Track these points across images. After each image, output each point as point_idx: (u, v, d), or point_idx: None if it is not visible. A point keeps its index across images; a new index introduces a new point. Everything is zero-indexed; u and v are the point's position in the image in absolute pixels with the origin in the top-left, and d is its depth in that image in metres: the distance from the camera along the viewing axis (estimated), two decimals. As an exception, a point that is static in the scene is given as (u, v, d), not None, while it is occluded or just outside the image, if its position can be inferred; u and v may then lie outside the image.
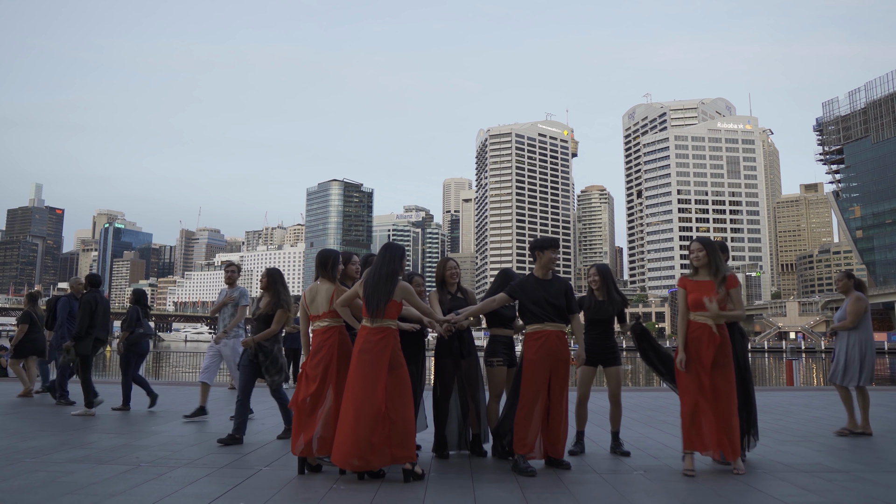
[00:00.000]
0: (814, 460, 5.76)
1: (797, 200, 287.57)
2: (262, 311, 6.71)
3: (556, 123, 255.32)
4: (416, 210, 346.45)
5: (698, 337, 5.24)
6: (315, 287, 5.48)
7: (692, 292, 5.33)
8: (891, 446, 6.49)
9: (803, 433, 7.41)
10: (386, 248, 5.21)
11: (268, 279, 6.82)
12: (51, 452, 5.88)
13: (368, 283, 5.05)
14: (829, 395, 12.21)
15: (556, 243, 5.64)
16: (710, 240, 5.53)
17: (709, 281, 5.35)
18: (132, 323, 9.46)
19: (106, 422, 7.98)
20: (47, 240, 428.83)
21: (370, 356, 4.91)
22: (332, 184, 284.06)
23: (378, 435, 4.74)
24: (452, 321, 5.51)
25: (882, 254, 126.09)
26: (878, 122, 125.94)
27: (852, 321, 7.30)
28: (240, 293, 8.80)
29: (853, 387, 7.25)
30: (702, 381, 5.16)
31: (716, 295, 5.23)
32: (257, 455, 5.92)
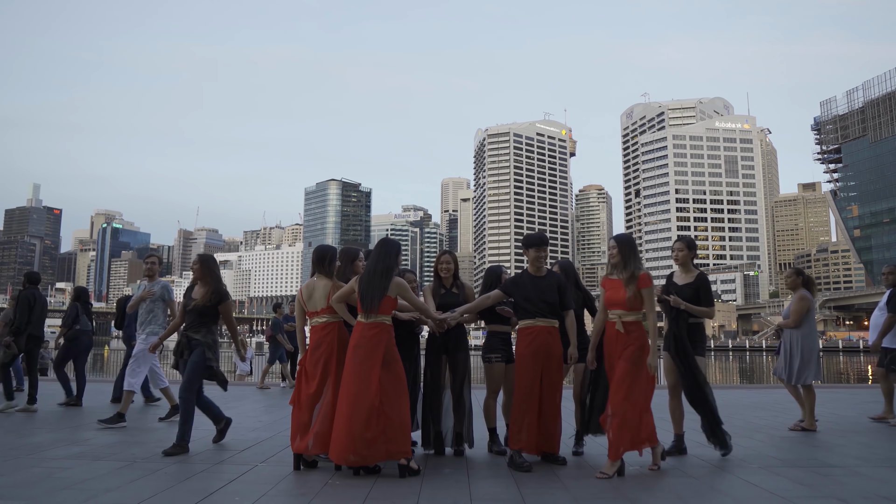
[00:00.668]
0: (809, 455, 5.78)
1: (795, 199, 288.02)
2: (198, 303, 6.07)
3: (555, 123, 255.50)
4: (415, 210, 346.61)
5: (609, 336, 5.20)
6: (312, 283, 5.47)
7: (607, 290, 5.22)
8: (885, 441, 6.51)
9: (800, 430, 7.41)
10: (381, 244, 5.21)
11: (201, 267, 6.23)
12: (47, 449, 5.88)
13: (364, 279, 5.06)
14: (826, 392, 12.23)
15: (540, 241, 5.64)
16: (628, 238, 5.33)
17: (620, 280, 5.17)
18: (71, 320, 9.44)
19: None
20: (45, 240, 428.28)
21: (364, 351, 4.91)
22: (330, 183, 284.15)
23: (373, 430, 4.74)
24: (445, 318, 5.51)
25: (880, 253, 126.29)
26: (875, 122, 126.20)
27: (795, 320, 7.42)
28: (161, 287, 8.06)
29: (800, 384, 7.40)
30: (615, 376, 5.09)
31: (625, 293, 5.07)
32: (253, 451, 5.92)
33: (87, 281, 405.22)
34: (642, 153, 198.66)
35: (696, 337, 5.77)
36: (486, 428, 6.04)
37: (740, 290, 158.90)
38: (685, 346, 5.65)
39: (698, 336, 5.81)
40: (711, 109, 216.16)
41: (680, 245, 5.96)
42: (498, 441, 5.97)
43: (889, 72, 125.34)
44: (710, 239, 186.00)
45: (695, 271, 5.91)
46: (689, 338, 5.70)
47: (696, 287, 5.77)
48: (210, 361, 6.06)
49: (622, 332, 5.05)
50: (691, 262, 5.95)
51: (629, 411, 4.87)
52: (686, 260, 5.92)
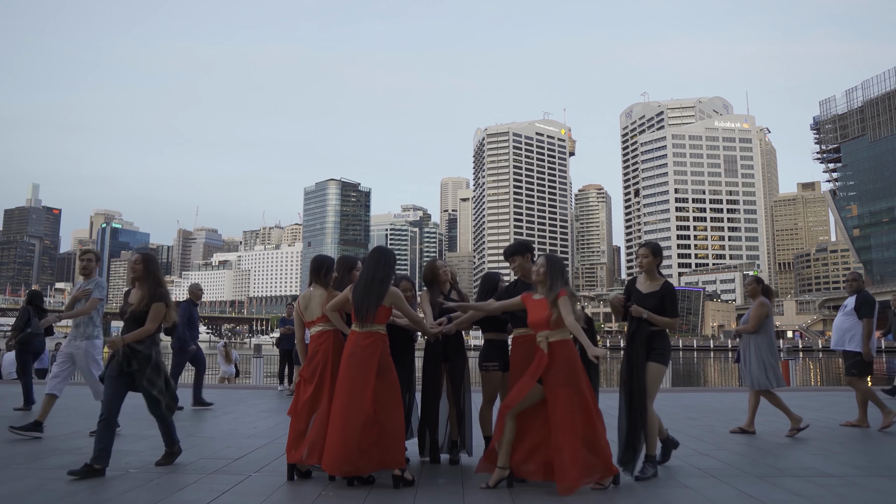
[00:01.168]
0: (807, 464, 5.74)
1: (794, 199, 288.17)
2: (135, 307, 5.45)
3: (554, 122, 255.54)
4: (414, 209, 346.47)
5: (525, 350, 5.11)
6: (309, 293, 5.45)
7: (529, 311, 4.99)
8: (884, 448, 6.49)
9: (798, 435, 7.39)
10: (377, 253, 5.17)
11: (143, 267, 5.58)
12: (41, 458, 5.85)
13: (359, 288, 5.02)
14: (826, 395, 12.22)
15: (521, 250, 5.57)
16: (558, 259, 5.11)
17: (544, 300, 4.94)
18: (23, 323, 9.41)
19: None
20: (44, 240, 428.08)
21: (359, 360, 4.88)
22: (329, 183, 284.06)
23: (367, 440, 4.72)
24: (443, 329, 5.48)
25: (879, 252, 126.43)
26: (875, 121, 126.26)
27: (753, 326, 7.65)
28: (95, 285, 7.40)
29: (762, 389, 7.59)
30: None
31: (549, 313, 4.84)
32: (247, 460, 5.88)
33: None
34: (641, 153, 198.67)
35: (656, 344, 5.40)
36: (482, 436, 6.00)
37: (739, 289, 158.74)
38: (638, 356, 5.32)
39: (658, 343, 5.41)
40: (711, 109, 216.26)
41: (645, 251, 5.58)
42: None
43: (888, 71, 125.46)
44: (710, 238, 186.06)
45: (660, 279, 5.55)
46: (650, 345, 5.36)
47: (660, 296, 5.41)
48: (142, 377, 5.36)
49: (545, 352, 4.79)
50: (657, 269, 5.57)
51: (579, 438, 4.64)
52: (651, 267, 5.54)
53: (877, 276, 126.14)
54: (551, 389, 4.73)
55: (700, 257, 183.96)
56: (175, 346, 10.14)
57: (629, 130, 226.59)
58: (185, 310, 10.33)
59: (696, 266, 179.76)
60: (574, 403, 4.68)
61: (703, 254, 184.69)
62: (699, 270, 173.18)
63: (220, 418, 8.85)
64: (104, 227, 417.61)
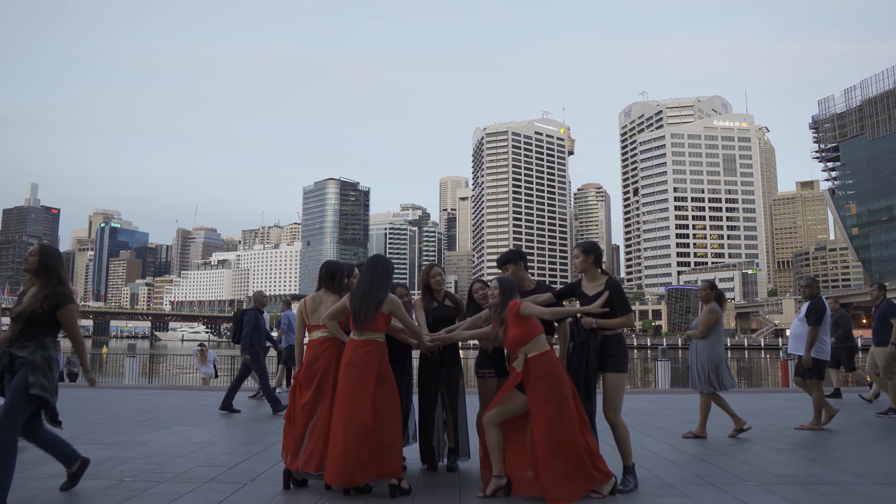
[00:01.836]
0: (807, 471, 5.70)
1: (793, 198, 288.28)
2: (26, 308, 4.58)
3: (553, 122, 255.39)
4: (413, 208, 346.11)
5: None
6: (319, 297, 5.40)
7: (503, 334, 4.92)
8: (884, 455, 6.44)
9: (797, 440, 7.36)
10: (375, 260, 5.12)
11: (38, 260, 4.70)
12: (34, 466, 5.80)
13: (357, 295, 4.97)
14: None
15: (513, 258, 5.52)
16: (511, 281, 5.05)
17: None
18: None
19: (94, 432, 7.89)
20: (43, 239, 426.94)
21: (357, 370, 4.83)
22: (328, 182, 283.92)
23: (365, 451, 4.67)
24: (438, 340, 5.43)
25: (878, 251, 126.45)
26: (873, 120, 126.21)
27: (701, 331, 7.82)
28: None
29: (706, 392, 7.77)
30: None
31: (514, 330, 4.76)
32: (243, 468, 5.83)
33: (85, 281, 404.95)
34: (640, 152, 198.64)
35: (611, 352, 5.09)
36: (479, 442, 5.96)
37: (738, 288, 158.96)
38: (588, 370, 5.10)
39: (613, 350, 5.10)
40: (709, 108, 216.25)
41: (576, 252, 5.28)
42: None
43: (887, 70, 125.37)
44: (709, 237, 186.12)
45: (602, 277, 5.23)
46: (604, 353, 5.09)
47: (612, 295, 5.10)
48: (34, 388, 4.45)
49: (518, 370, 4.73)
50: (595, 267, 5.25)
51: (570, 449, 4.58)
52: (587, 266, 5.23)
53: (875, 275, 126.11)
54: (536, 405, 4.66)
55: (699, 256, 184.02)
56: (248, 351, 10.10)
57: (628, 129, 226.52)
58: (252, 317, 10.38)
59: (695, 265, 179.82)
60: (562, 417, 4.62)
61: (702, 252, 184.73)
62: (698, 269, 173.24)
63: (215, 423, 8.81)
64: (103, 226, 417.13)
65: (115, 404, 10.90)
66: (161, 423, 8.60)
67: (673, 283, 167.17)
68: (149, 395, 12.66)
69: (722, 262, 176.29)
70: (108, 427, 8.27)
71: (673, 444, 7.09)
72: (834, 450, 6.73)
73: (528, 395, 4.71)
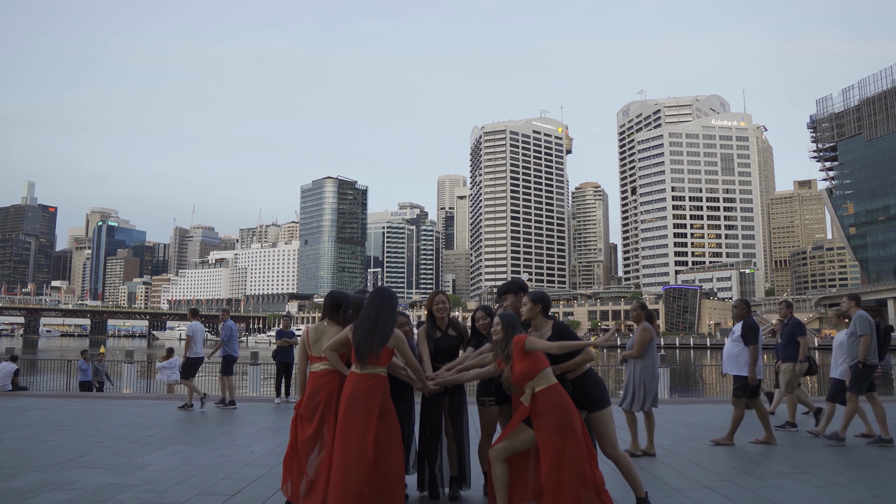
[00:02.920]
0: (810, 500, 5.66)
1: (791, 197, 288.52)
2: None
3: (551, 120, 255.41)
4: (411, 207, 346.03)
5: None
6: (321, 328, 5.32)
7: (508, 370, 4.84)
8: (887, 480, 6.41)
9: (798, 461, 7.32)
10: (381, 294, 5.04)
11: None
12: (31, 496, 5.73)
13: (361, 328, 4.90)
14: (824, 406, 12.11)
15: (513, 289, 5.48)
16: (513, 317, 4.95)
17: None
18: None
19: (92, 452, 7.83)
20: (40, 238, 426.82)
21: (359, 403, 4.78)
22: (326, 181, 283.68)
23: (368, 485, 4.63)
24: (441, 383, 5.38)
25: (875, 251, 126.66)
26: (871, 120, 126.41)
27: (638, 351, 7.87)
28: None
29: (638, 411, 7.86)
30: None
31: (520, 366, 4.70)
32: (244, 496, 5.78)
33: (82, 279, 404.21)
34: (638, 151, 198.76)
35: (590, 391, 5.10)
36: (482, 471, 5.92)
37: (736, 287, 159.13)
38: None
39: (588, 390, 5.10)
40: (707, 107, 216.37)
41: (526, 300, 5.24)
42: None
43: (885, 70, 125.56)
44: (706, 237, 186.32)
45: (548, 322, 5.24)
46: (585, 393, 5.06)
47: (557, 338, 5.08)
48: None
49: (526, 405, 4.65)
50: (542, 315, 5.25)
51: (578, 483, 4.53)
52: (534, 315, 5.24)
53: (872, 275, 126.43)
54: (545, 438, 4.62)
55: (697, 255, 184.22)
56: None
57: (626, 128, 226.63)
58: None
59: (692, 264, 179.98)
60: (570, 451, 4.57)
61: (700, 252, 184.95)
62: (696, 268, 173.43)
63: (215, 440, 8.75)
64: (100, 225, 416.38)
65: (112, 418, 10.83)
66: (160, 442, 8.54)
67: (671, 282, 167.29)
68: (147, 406, 12.60)
69: (719, 262, 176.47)
70: (106, 447, 8.20)
71: (675, 467, 7.05)
72: (835, 474, 6.69)
73: (536, 430, 4.66)
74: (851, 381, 8.52)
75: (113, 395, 16.37)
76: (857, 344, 8.50)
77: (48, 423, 10.16)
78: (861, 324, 8.48)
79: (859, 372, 8.44)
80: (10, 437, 8.95)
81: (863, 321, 8.49)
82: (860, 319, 8.52)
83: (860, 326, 8.48)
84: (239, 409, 12.17)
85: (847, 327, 8.86)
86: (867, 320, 8.51)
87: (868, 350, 8.36)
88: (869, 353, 8.38)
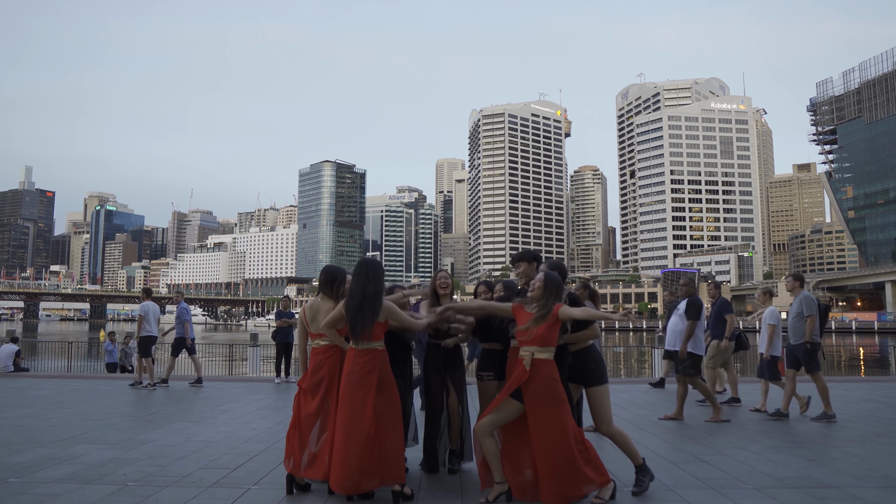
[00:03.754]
0: (805, 472, 5.75)
1: (790, 180, 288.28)
2: None
3: (550, 103, 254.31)
4: (409, 191, 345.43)
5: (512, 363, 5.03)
6: (317, 304, 5.36)
7: (520, 323, 4.89)
8: (882, 455, 6.49)
9: (794, 437, 7.42)
10: (364, 268, 5.03)
11: None
12: (37, 470, 5.80)
13: (352, 306, 4.93)
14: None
15: (528, 257, 5.48)
16: (557, 279, 4.89)
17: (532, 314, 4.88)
18: None
19: (95, 429, 7.91)
20: (38, 223, 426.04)
21: (358, 378, 4.85)
22: (324, 165, 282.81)
23: (368, 460, 4.71)
24: (451, 309, 5.39)
25: (873, 234, 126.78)
26: (871, 103, 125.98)
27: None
28: None
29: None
30: None
31: (539, 329, 4.74)
32: (246, 470, 5.86)
33: (81, 264, 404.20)
34: (637, 134, 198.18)
35: (590, 366, 5.12)
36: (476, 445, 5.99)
37: (734, 270, 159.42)
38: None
39: (588, 364, 5.13)
40: (707, 90, 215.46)
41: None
42: None
43: (885, 52, 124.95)
44: (705, 220, 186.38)
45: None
46: (585, 367, 5.10)
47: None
48: None
49: (528, 369, 4.70)
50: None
51: (566, 451, 4.64)
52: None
53: (871, 258, 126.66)
54: (535, 408, 4.70)
55: (695, 238, 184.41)
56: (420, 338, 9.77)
57: (625, 111, 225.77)
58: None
59: (691, 247, 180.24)
60: (560, 421, 4.67)
61: (699, 235, 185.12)
62: (694, 252, 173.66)
63: (217, 418, 8.83)
64: (98, 209, 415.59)
65: (114, 398, 10.92)
66: (161, 420, 8.62)
67: (669, 265, 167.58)
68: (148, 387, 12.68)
69: (718, 245, 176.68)
70: (108, 424, 8.28)
71: (672, 442, 7.14)
72: (831, 449, 6.78)
73: (527, 399, 4.72)
74: (805, 361, 8.74)
75: (114, 375, 16.46)
76: (803, 324, 8.71)
77: (51, 402, 10.25)
78: (808, 304, 8.72)
79: (808, 351, 8.70)
80: (14, 415, 9.03)
81: (809, 302, 8.72)
82: (806, 300, 8.74)
83: (807, 307, 8.70)
84: (240, 388, 12.27)
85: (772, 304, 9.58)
86: (813, 301, 8.76)
87: (814, 329, 8.64)
88: (815, 332, 8.66)
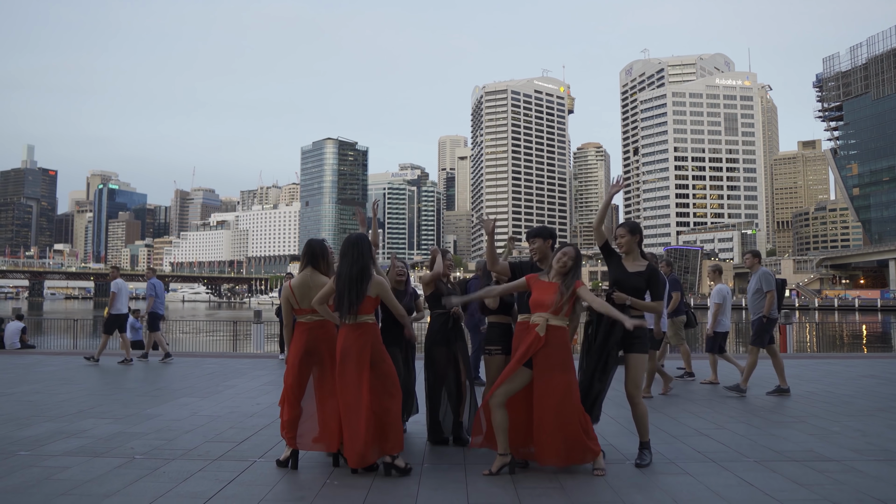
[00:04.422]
0: (805, 446, 5.80)
1: (794, 157, 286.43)
2: None
3: (553, 80, 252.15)
4: (412, 168, 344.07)
5: (519, 331, 5.08)
6: (306, 280, 5.25)
7: (535, 291, 4.95)
8: (881, 429, 6.53)
9: (795, 412, 7.47)
10: (352, 245, 5.00)
11: None
12: (46, 443, 5.88)
13: (341, 282, 4.93)
14: (822, 364, 12.30)
15: (544, 234, 5.50)
16: (579, 253, 5.04)
17: (555, 284, 4.95)
18: None
19: (102, 404, 7.99)
20: (42, 202, 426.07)
21: (351, 355, 4.89)
22: (326, 142, 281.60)
23: (370, 433, 4.79)
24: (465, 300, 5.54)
25: (878, 211, 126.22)
26: (879, 78, 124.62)
27: None
28: None
29: None
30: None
31: (554, 297, 4.84)
32: (251, 443, 5.93)
33: (85, 242, 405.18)
34: (641, 111, 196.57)
35: (638, 333, 5.16)
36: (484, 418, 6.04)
37: (737, 248, 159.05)
38: (610, 352, 5.13)
39: (640, 331, 5.18)
40: (712, 66, 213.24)
41: (622, 231, 5.41)
42: None
43: (894, 27, 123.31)
44: (709, 197, 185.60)
45: (643, 260, 5.42)
46: (632, 334, 5.12)
47: (647, 277, 5.27)
48: None
49: (542, 335, 4.79)
50: (638, 247, 5.42)
51: (573, 418, 4.78)
52: (632, 246, 5.38)
53: (875, 236, 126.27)
54: (545, 373, 4.81)
55: (698, 216, 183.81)
56: (469, 324, 9.48)
57: (629, 88, 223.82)
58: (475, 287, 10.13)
59: (694, 225, 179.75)
60: (570, 388, 4.81)
61: (702, 212, 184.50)
62: (697, 229, 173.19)
63: (222, 393, 8.91)
64: (101, 188, 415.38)
65: (120, 374, 11.02)
66: (167, 395, 8.71)
67: (672, 242, 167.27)
68: (153, 363, 12.78)
69: (721, 222, 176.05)
70: (115, 399, 8.37)
71: (674, 417, 7.19)
72: (832, 423, 6.83)
73: (540, 360, 4.81)
74: (754, 334, 8.92)
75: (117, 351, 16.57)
76: (762, 299, 8.83)
77: (58, 378, 10.34)
78: (766, 280, 8.87)
79: (762, 325, 8.83)
80: (21, 390, 9.12)
81: (767, 278, 8.89)
82: (765, 276, 8.90)
83: (765, 283, 8.86)
84: (244, 365, 12.36)
85: (722, 282, 9.83)
86: (771, 276, 8.90)
87: (772, 305, 8.77)
88: (773, 307, 8.79)
